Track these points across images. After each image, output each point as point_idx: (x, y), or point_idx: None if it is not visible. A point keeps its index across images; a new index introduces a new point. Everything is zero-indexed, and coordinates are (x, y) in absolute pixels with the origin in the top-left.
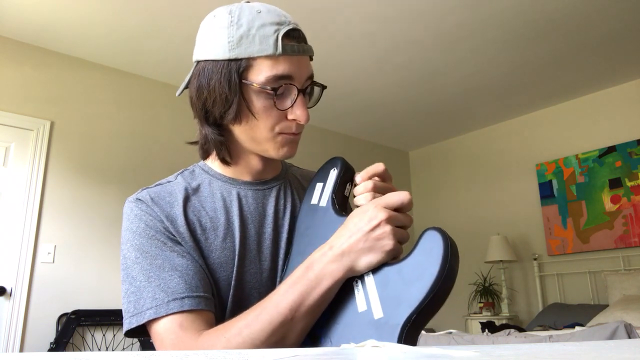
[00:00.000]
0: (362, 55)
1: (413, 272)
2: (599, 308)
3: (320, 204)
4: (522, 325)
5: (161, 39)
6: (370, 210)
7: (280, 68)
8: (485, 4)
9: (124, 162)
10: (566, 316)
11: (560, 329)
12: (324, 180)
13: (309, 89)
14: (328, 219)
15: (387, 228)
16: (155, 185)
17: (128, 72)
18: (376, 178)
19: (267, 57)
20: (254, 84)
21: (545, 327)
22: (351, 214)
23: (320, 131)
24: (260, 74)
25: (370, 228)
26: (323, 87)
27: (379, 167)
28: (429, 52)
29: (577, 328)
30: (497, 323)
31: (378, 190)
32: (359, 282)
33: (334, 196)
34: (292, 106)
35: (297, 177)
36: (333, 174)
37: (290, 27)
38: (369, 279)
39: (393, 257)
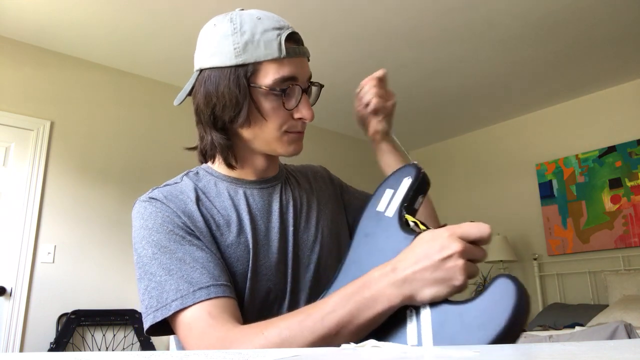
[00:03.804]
0: (362, 55)
1: (475, 320)
2: (599, 308)
3: (386, 213)
4: None
5: (161, 39)
6: (443, 238)
7: (286, 70)
8: (485, 4)
9: (124, 162)
10: (566, 316)
11: (560, 329)
12: (395, 187)
13: (309, 89)
14: (392, 233)
15: (459, 262)
16: (164, 186)
17: (128, 72)
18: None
19: (273, 60)
20: (263, 87)
21: (545, 327)
22: (421, 237)
23: (320, 131)
24: (267, 77)
25: (441, 258)
26: (321, 86)
27: (379, 72)
28: (429, 52)
29: (577, 328)
30: None
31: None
32: (413, 313)
33: (403, 207)
34: (297, 106)
35: (291, 173)
36: (406, 182)
37: (290, 30)
38: (425, 312)
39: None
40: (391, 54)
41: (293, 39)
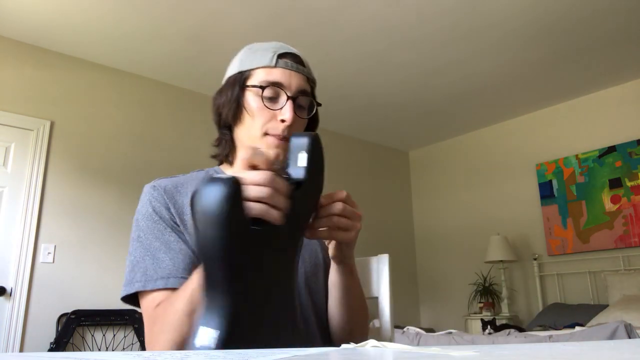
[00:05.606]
0: (362, 55)
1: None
2: (599, 308)
3: None
4: (522, 325)
5: (161, 39)
6: None
7: (273, 76)
8: (485, 4)
9: (124, 162)
10: (566, 316)
11: (560, 329)
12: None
13: (306, 104)
14: None
15: None
16: (171, 177)
17: (128, 72)
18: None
19: (264, 67)
20: (249, 86)
21: (545, 327)
22: None
23: (320, 131)
24: (257, 80)
25: None
26: (317, 104)
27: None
28: (429, 52)
29: (577, 328)
30: (497, 323)
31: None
32: None
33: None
34: (281, 109)
35: None
36: None
37: (289, 50)
38: None
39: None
40: (391, 54)
41: (288, 56)
